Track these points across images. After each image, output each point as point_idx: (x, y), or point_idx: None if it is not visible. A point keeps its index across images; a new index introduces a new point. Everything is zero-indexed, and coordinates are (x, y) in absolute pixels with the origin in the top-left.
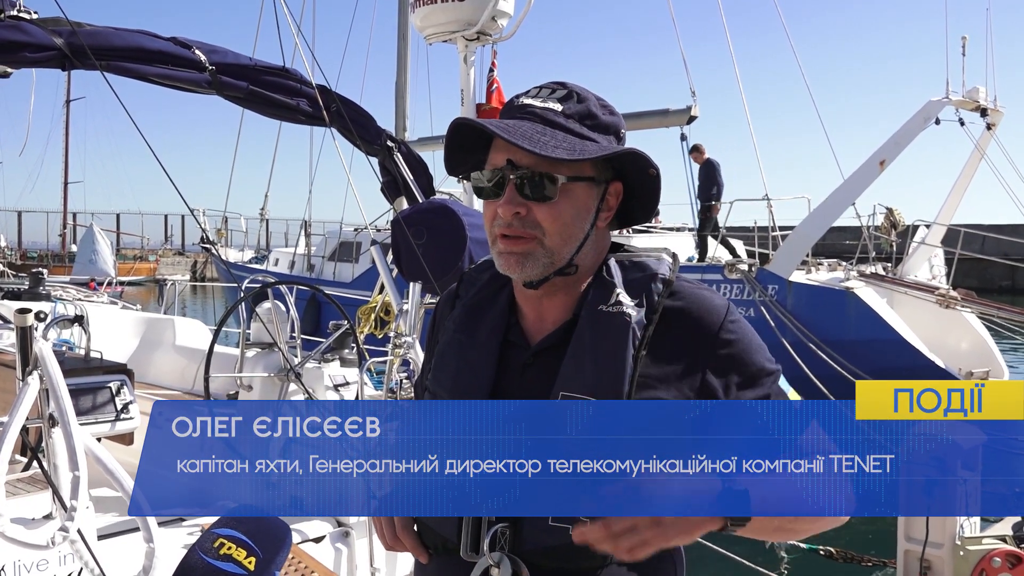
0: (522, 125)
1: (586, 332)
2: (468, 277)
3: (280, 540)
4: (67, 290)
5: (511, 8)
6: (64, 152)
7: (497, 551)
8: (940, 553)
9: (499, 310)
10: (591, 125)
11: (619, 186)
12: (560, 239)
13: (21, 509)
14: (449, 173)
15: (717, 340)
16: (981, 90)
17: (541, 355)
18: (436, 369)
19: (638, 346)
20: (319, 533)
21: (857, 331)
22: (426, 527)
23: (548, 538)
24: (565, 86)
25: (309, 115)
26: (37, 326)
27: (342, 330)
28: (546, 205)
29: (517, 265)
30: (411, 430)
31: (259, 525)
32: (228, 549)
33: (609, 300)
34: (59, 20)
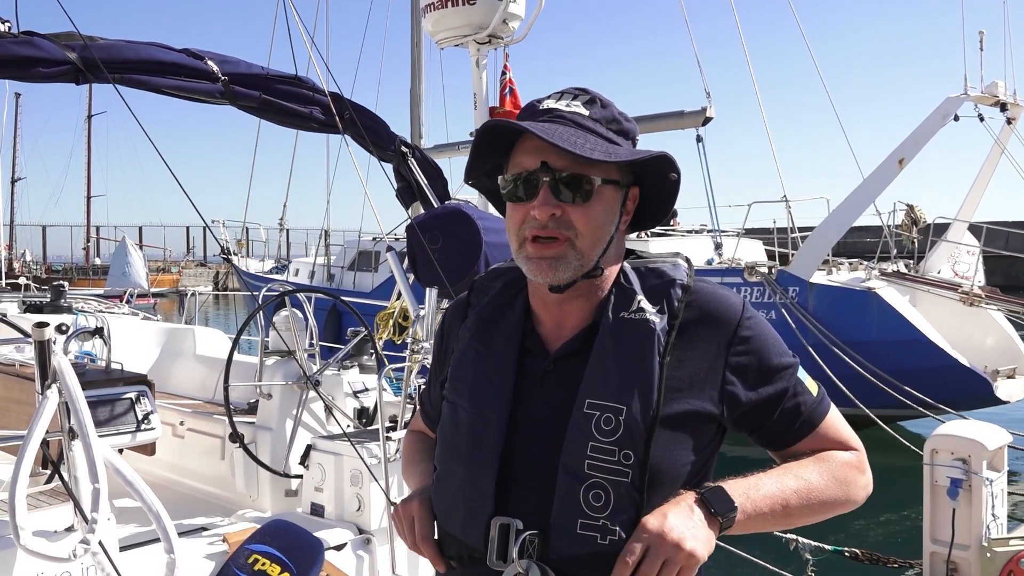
0: (556, 128)
1: (608, 339)
2: (479, 285)
3: (313, 556)
4: (88, 302)
5: (522, 11)
6: (86, 166)
7: (525, 559)
8: (967, 555)
9: (515, 317)
10: (616, 129)
11: (636, 191)
12: (591, 241)
13: (43, 522)
14: (467, 178)
15: (735, 338)
16: (1000, 85)
17: (560, 362)
18: (453, 379)
19: (663, 352)
20: (340, 541)
21: (880, 332)
22: (450, 537)
23: (576, 547)
24: (587, 92)
25: (322, 123)
26: (57, 339)
27: (360, 337)
28: (581, 207)
29: (550, 269)
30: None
31: (292, 541)
32: (262, 565)
33: (631, 307)
34: (72, 35)
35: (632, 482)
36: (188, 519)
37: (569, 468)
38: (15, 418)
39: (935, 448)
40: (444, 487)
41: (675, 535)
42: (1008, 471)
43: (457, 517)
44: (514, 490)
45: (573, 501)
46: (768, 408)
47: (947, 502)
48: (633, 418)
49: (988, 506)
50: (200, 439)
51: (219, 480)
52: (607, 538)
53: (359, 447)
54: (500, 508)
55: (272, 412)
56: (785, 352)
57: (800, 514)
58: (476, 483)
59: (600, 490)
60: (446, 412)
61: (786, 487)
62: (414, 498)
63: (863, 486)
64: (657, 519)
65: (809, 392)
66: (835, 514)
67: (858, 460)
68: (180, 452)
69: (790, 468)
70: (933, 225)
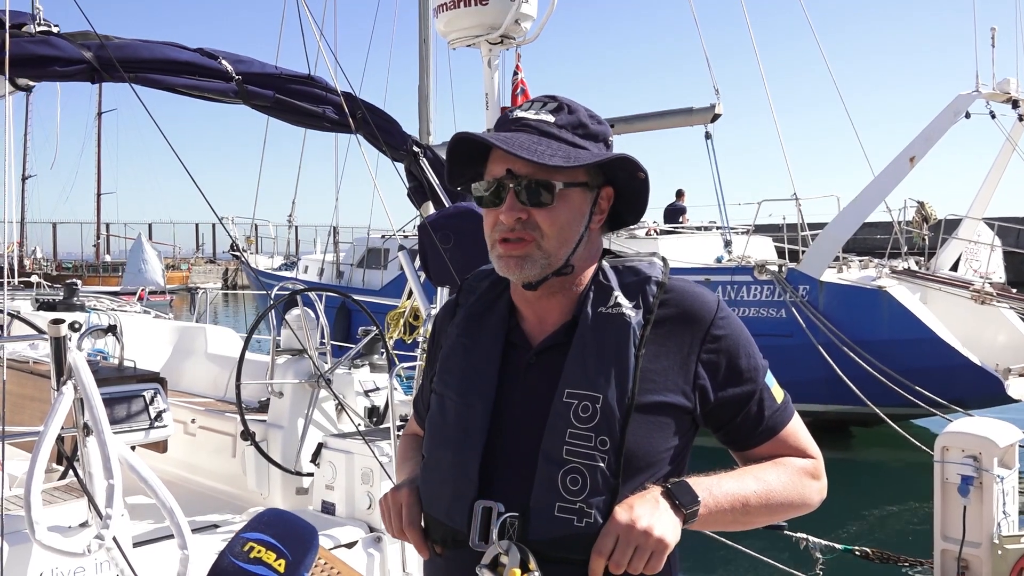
0: (519, 137)
1: (587, 333)
2: (467, 286)
3: (308, 542)
4: (101, 300)
5: (534, 11)
6: (97, 164)
7: (506, 539)
8: (977, 552)
9: (500, 313)
10: (582, 134)
11: (610, 190)
12: (557, 241)
13: (58, 517)
14: (451, 185)
15: (707, 335)
16: (1012, 81)
17: (542, 355)
18: (442, 372)
19: (638, 344)
20: (351, 538)
21: (890, 331)
22: (435, 521)
23: (554, 529)
24: (556, 99)
25: (335, 122)
26: (71, 336)
27: (371, 336)
28: (545, 210)
29: (516, 267)
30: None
31: (287, 529)
32: (258, 552)
33: (608, 302)
34: (87, 34)
35: (608, 467)
36: (200, 516)
37: (548, 454)
38: (29, 415)
39: (946, 445)
40: (431, 473)
41: (644, 523)
42: (1020, 468)
43: (443, 501)
44: (497, 475)
45: (551, 485)
46: (733, 409)
47: (958, 499)
48: (609, 405)
49: (999, 503)
50: (212, 437)
51: (230, 478)
52: (583, 520)
53: (370, 445)
54: (484, 492)
55: (283, 410)
56: (755, 355)
57: (758, 514)
58: (462, 467)
59: (577, 474)
60: (434, 404)
61: (746, 487)
62: (403, 486)
63: (817, 491)
64: (625, 511)
65: (774, 398)
66: (790, 516)
67: (814, 467)
68: (192, 450)
69: (750, 470)
70: (944, 222)
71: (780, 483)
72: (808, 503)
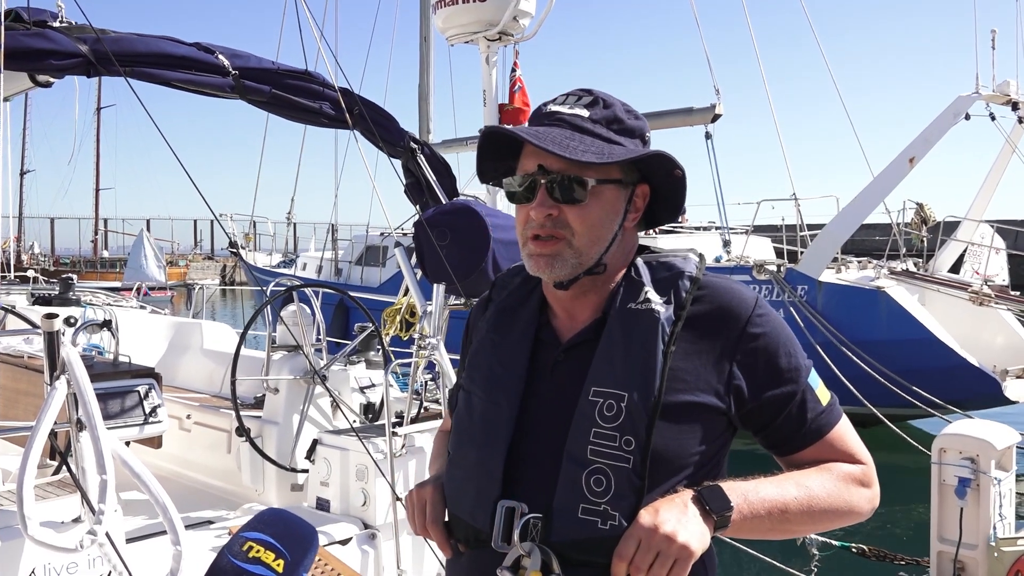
0: (551, 131)
1: (616, 329)
2: (500, 281)
3: (307, 543)
4: (96, 295)
5: (532, 8)
6: (95, 159)
7: (528, 541)
8: (974, 554)
9: (530, 310)
10: (617, 129)
11: (646, 188)
12: (588, 240)
13: (50, 512)
14: (481, 180)
15: (744, 334)
16: (1012, 83)
17: (571, 352)
18: (471, 368)
19: (667, 341)
20: (345, 535)
21: (889, 331)
22: (458, 520)
23: (577, 531)
24: (591, 93)
25: (332, 118)
26: (65, 331)
27: (367, 332)
28: (576, 207)
29: (547, 266)
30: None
31: (286, 528)
32: (257, 552)
33: (638, 298)
34: (84, 27)
35: (633, 468)
36: (194, 512)
37: (572, 454)
38: (23, 410)
39: (943, 447)
40: (456, 471)
41: (668, 528)
42: (1016, 471)
43: (467, 500)
44: (521, 474)
45: (575, 486)
46: (773, 410)
47: (955, 501)
48: (634, 404)
49: (996, 506)
50: (207, 433)
51: (225, 474)
52: (607, 523)
53: (365, 442)
54: (507, 491)
55: (279, 406)
56: (796, 354)
57: (799, 522)
58: (485, 466)
59: (601, 475)
60: (461, 401)
61: (787, 493)
62: (428, 484)
63: (868, 499)
64: (650, 514)
65: (818, 400)
66: (837, 526)
67: (863, 473)
68: (187, 445)
69: (792, 476)
70: (943, 224)
71: (824, 490)
72: (856, 511)
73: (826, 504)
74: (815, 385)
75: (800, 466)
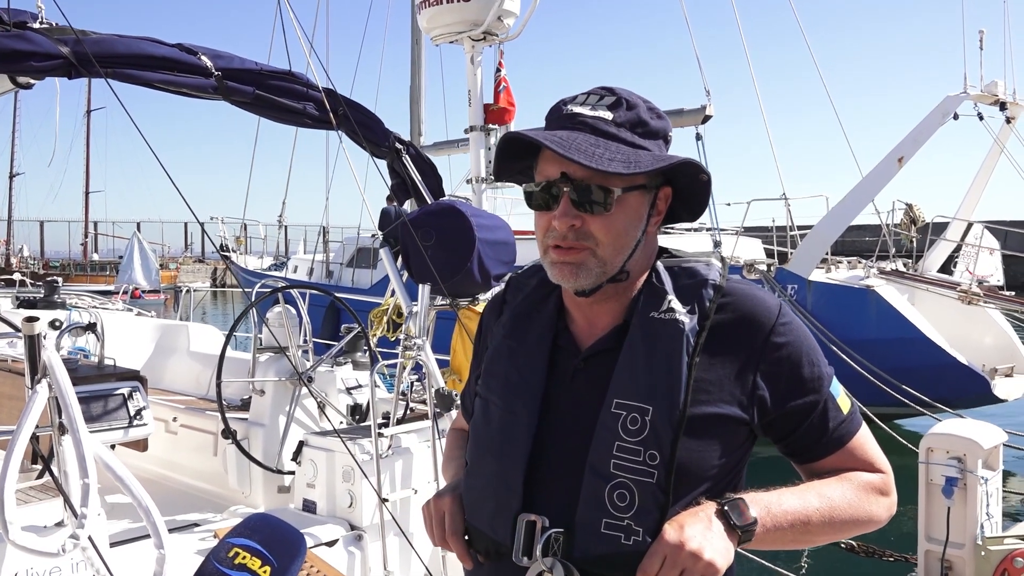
0: (575, 137)
1: (638, 339)
2: (515, 283)
3: (295, 549)
4: (82, 298)
5: (517, 7)
6: (85, 162)
7: (550, 556)
8: (961, 553)
9: (548, 315)
10: (642, 132)
11: (668, 190)
12: (613, 249)
13: (33, 517)
14: (496, 179)
15: (768, 344)
16: (1000, 83)
17: (591, 360)
18: (487, 375)
19: (692, 353)
20: (332, 537)
21: (878, 330)
22: (478, 532)
23: (600, 546)
24: (614, 92)
25: (316, 118)
26: (46, 334)
27: (354, 333)
28: (601, 217)
29: (571, 275)
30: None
31: (273, 534)
32: (243, 559)
33: (661, 307)
34: (64, 29)
35: (657, 483)
36: (181, 515)
37: (595, 467)
38: (6, 413)
39: (930, 447)
40: (474, 481)
41: (693, 545)
42: (1003, 470)
43: (486, 512)
44: (542, 486)
45: (598, 500)
46: (796, 420)
47: (942, 500)
48: (659, 418)
49: (983, 505)
50: (193, 435)
51: (212, 476)
52: (631, 539)
53: (351, 444)
54: (528, 504)
55: (265, 408)
56: (819, 363)
57: (820, 532)
58: (505, 478)
59: (625, 490)
60: (478, 408)
61: (808, 504)
62: (446, 493)
63: (886, 507)
64: (675, 530)
65: (839, 409)
66: (856, 534)
67: (882, 481)
68: (173, 448)
69: (813, 486)
70: (932, 224)
71: (845, 500)
72: (875, 520)
73: (847, 515)
74: (836, 393)
75: (820, 474)
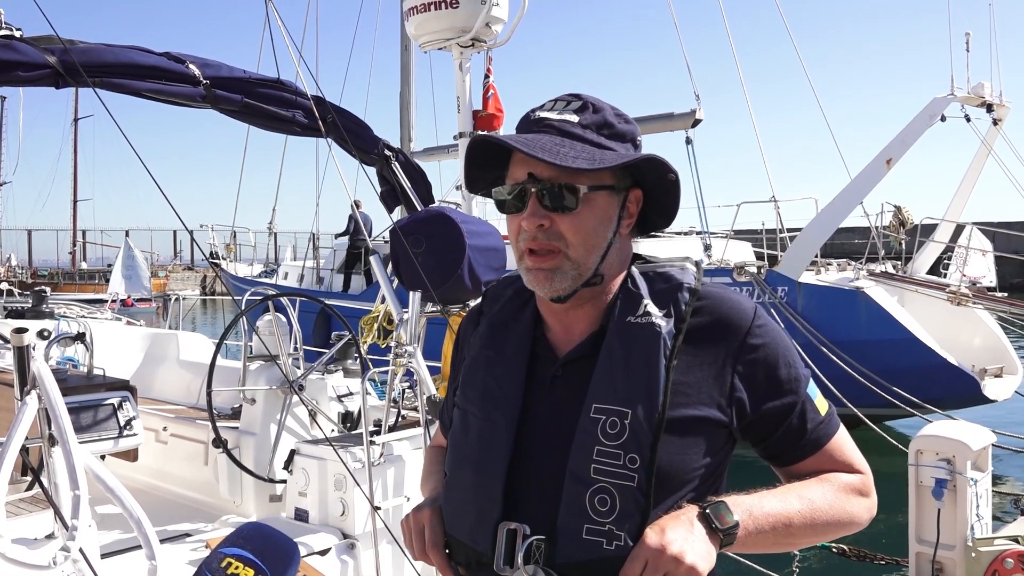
0: (540, 138)
1: (616, 344)
2: (492, 293)
3: (288, 558)
4: (71, 307)
5: (505, 14)
6: (73, 170)
7: (532, 564)
8: (952, 555)
9: (524, 324)
10: (608, 134)
11: (639, 192)
12: (584, 249)
13: (23, 529)
14: (470, 190)
15: (744, 345)
16: (986, 85)
17: (569, 367)
18: (465, 385)
19: (669, 356)
20: (324, 546)
21: (868, 331)
22: (458, 543)
23: (582, 552)
24: (580, 97)
25: (305, 126)
26: (36, 344)
27: (344, 340)
28: (568, 216)
29: (547, 281)
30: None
31: (266, 543)
32: (236, 569)
33: (637, 311)
34: (51, 38)
35: (638, 486)
36: (172, 525)
37: (575, 473)
38: None
39: (920, 448)
40: (453, 492)
41: (675, 549)
42: (993, 471)
43: (466, 522)
44: (522, 495)
45: (579, 506)
46: (773, 422)
47: (932, 502)
48: (638, 421)
49: (973, 506)
50: (183, 445)
51: (202, 486)
52: (613, 543)
53: (343, 452)
54: (508, 513)
55: (256, 417)
56: (795, 364)
57: (802, 534)
58: (485, 488)
59: (606, 495)
60: (457, 419)
61: (790, 507)
62: (425, 506)
63: (867, 508)
64: (656, 534)
65: (817, 410)
66: (837, 536)
67: (862, 482)
68: (163, 458)
69: (794, 488)
70: (920, 226)
71: (825, 501)
72: (856, 521)
73: (828, 516)
74: (814, 395)
75: (799, 476)
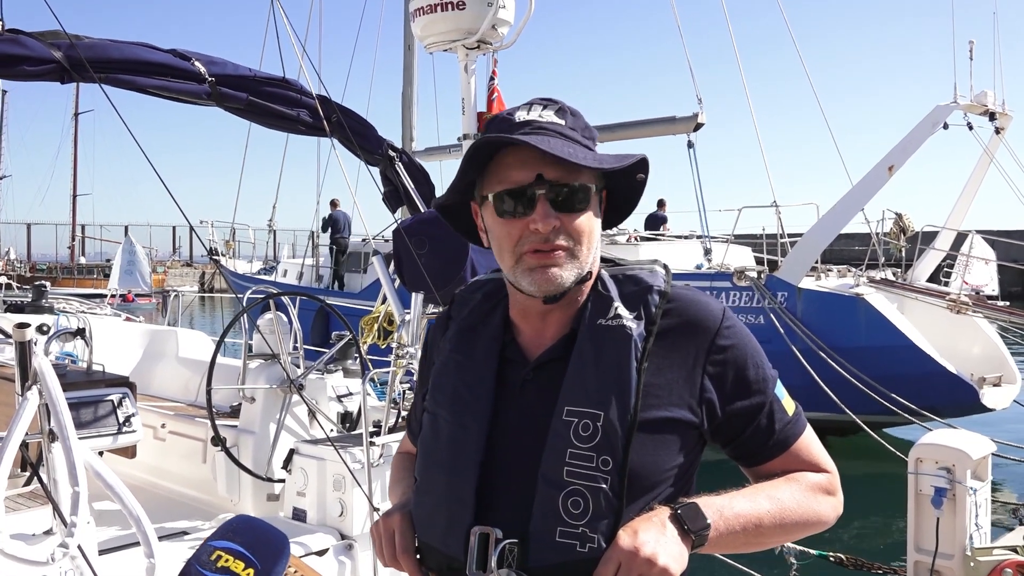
0: (547, 139)
1: (587, 346)
2: (460, 298)
3: (278, 551)
4: (70, 302)
5: (511, 16)
6: (73, 165)
7: (505, 568)
8: (950, 564)
9: (494, 328)
10: (588, 138)
11: (605, 193)
12: (587, 248)
13: (21, 525)
14: (442, 199)
15: (713, 346)
16: (989, 94)
17: (540, 370)
18: (434, 389)
19: (640, 358)
20: (322, 546)
21: (868, 337)
22: (430, 548)
23: (555, 555)
24: (555, 102)
25: (309, 125)
26: (37, 340)
27: (345, 340)
28: (576, 216)
29: (555, 278)
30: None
31: (256, 536)
32: (226, 561)
33: (608, 314)
34: (57, 33)
35: (611, 488)
36: (169, 522)
37: (548, 476)
38: None
39: (920, 457)
40: (424, 497)
41: (647, 551)
42: (992, 480)
43: (437, 527)
44: (494, 499)
45: (552, 509)
46: (741, 423)
47: (931, 511)
48: (611, 423)
49: (972, 515)
50: (182, 442)
51: (201, 484)
52: (586, 546)
53: (342, 452)
54: (480, 517)
55: (255, 416)
56: (763, 365)
57: (772, 534)
58: (456, 491)
59: (579, 497)
60: (427, 423)
61: (759, 507)
62: (395, 512)
63: (833, 507)
64: (629, 536)
65: (785, 411)
66: (805, 535)
67: (828, 482)
68: (162, 455)
69: (763, 488)
70: (921, 233)
71: (794, 501)
72: (823, 521)
73: (797, 516)
74: (781, 396)
75: (768, 476)
